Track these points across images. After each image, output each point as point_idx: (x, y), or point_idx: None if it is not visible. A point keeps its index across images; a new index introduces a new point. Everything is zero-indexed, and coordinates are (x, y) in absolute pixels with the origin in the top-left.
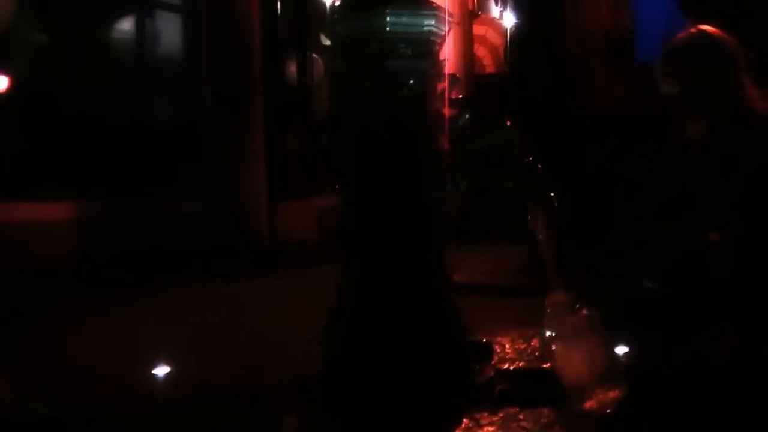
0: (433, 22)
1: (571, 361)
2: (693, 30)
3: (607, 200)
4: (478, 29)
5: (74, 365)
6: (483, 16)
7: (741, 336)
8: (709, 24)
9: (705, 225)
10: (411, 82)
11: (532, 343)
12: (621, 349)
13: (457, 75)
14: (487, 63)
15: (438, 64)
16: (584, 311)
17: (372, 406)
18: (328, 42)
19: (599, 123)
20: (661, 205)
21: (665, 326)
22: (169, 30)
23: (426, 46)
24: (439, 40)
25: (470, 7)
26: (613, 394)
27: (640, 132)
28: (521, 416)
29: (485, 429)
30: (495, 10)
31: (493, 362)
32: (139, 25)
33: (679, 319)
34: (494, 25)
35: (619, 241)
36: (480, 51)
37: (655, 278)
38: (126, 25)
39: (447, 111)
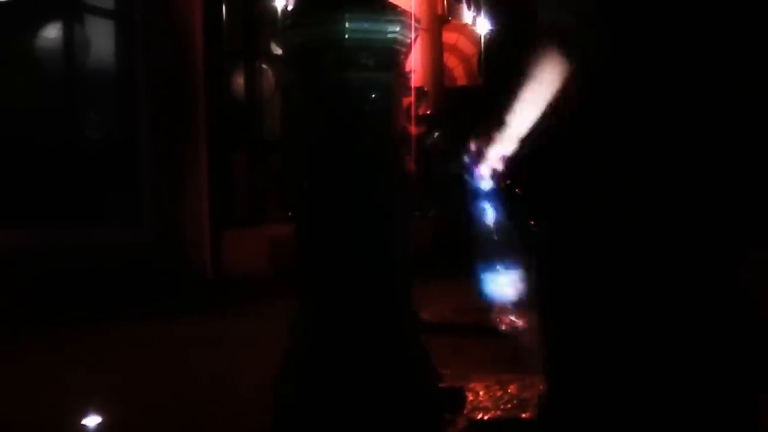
0: (397, 29)
1: None
2: None
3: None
4: (448, 37)
5: None
6: (454, 22)
7: None
8: None
9: None
10: (374, 96)
11: (508, 390)
12: None
13: (425, 88)
14: (459, 75)
15: (403, 76)
16: None
17: None
18: (280, 51)
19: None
20: None
21: None
22: (100, 38)
23: (390, 56)
24: (404, 49)
25: (439, 12)
26: None
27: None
28: None
29: None
30: (468, 16)
31: (465, 411)
32: (67, 32)
33: None
34: (466, 32)
35: None
36: (450, 61)
37: None
38: (51, 32)
39: (414, 129)
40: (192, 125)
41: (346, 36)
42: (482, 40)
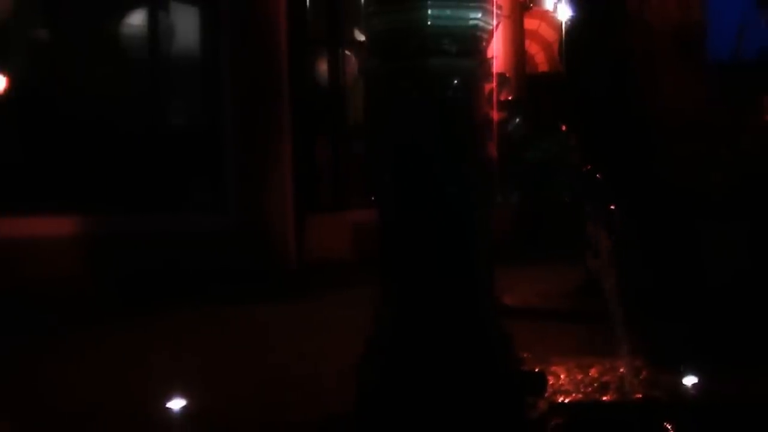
0: (479, 16)
1: None
2: None
3: (675, 214)
4: (529, 23)
5: (82, 400)
6: (535, 8)
7: None
8: None
9: None
10: (456, 82)
11: (589, 373)
12: (689, 380)
13: (507, 74)
14: (540, 61)
15: (485, 63)
16: None
17: None
18: (363, 38)
19: (666, 128)
20: None
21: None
22: (185, 25)
23: (472, 43)
24: (486, 36)
25: None
26: None
27: (712, 139)
28: None
29: None
30: (549, 2)
31: (546, 395)
32: (152, 21)
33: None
34: (548, 18)
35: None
36: (532, 48)
37: None
38: (137, 19)
39: (495, 115)
40: (276, 112)
41: (429, 23)
42: (563, 27)
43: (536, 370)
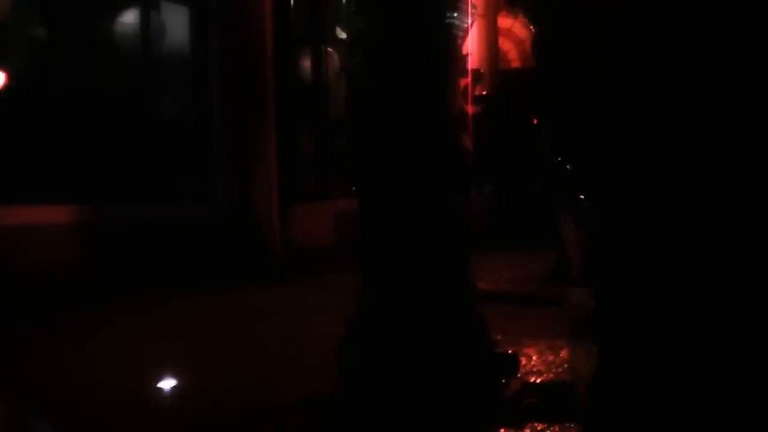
0: (455, 15)
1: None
2: None
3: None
4: (503, 22)
5: (76, 382)
6: (509, 7)
7: None
8: None
9: None
10: (432, 78)
11: (560, 355)
12: None
13: (481, 70)
14: (513, 57)
15: (461, 59)
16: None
17: (391, 423)
18: (344, 36)
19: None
20: None
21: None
22: (176, 24)
23: (447, 40)
24: (461, 34)
25: None
26: None
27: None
28: None
29: None
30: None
31: (519, 375)
32: (144, 19)
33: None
34: (521, 17)
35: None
36: (505, 45)
37: None
38: (129, 18)
39: (470, 108)
40: (261, 106)
41: (406, 21)
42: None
43: (509, 351)
